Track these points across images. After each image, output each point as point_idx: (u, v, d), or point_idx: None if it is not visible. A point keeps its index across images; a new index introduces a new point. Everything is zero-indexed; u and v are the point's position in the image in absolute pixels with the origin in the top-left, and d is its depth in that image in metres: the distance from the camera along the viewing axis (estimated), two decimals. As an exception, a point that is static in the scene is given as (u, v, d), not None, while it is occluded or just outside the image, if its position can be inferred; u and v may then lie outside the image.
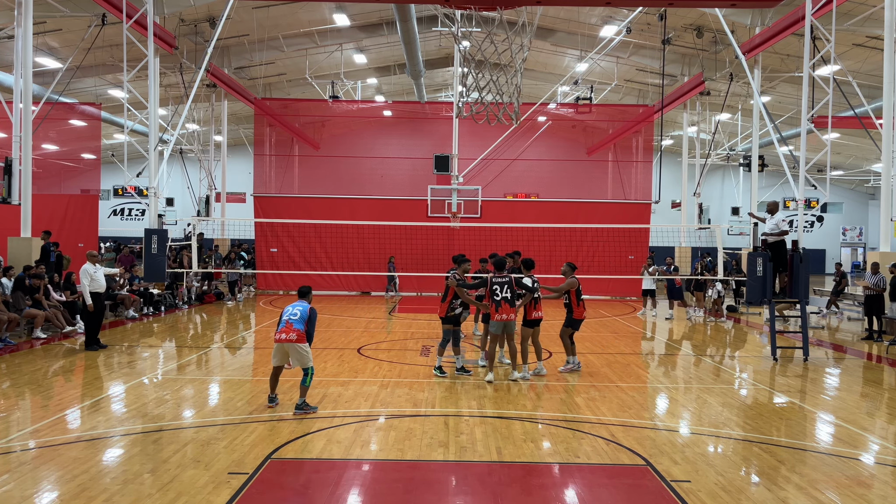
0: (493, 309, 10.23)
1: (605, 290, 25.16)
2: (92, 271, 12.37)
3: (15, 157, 15.56)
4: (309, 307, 8.40)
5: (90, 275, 12.34)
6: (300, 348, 8.17)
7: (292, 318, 8.24)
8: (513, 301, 10.18)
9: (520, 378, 10.32)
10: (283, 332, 8.16)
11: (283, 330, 8.18)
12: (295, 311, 8.32)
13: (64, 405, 8.47)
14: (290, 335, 8.13)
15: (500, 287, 10.20)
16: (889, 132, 16.20)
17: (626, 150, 28.81)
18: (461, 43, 13.75)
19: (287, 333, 8.14)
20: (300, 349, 8.17)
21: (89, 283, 12.27)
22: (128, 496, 5.58)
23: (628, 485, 6.23)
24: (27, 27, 15.79)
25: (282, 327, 8.23)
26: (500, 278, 10.33)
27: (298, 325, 8.19)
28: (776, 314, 14.14)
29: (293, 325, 8.18)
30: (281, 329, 8.21)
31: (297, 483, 6.11)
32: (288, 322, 8.22)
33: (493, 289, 10.22)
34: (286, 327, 8.18)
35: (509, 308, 10.13)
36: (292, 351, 8.20)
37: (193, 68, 23.40)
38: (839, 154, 37.51)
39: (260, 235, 25.19)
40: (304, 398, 8.22)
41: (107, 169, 38.14)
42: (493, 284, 10.25)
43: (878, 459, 7.03)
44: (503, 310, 10.15)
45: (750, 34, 22.79)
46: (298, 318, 8.24)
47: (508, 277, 10.35)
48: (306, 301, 8.51)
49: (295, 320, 8.22)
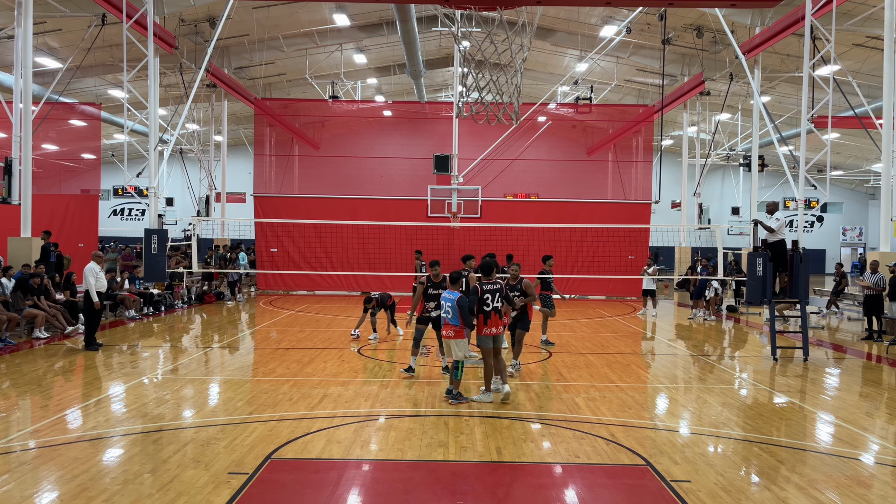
0: (481, 321, 8.83)
1: (605, 290, 25.18)
2: (97, 270, 12.61)
3: (15, 157, 15.56)
4: (457, 297, 8.67)
5: (96, 274, 12.56)
6: (453, 344, 8.70)
7: (445, 315, 8.72)
8: (502, 310, 9.03)
9: (513, 370, 10.47)
10: (443, 329, 8.81)
11: (443, 326, 8.79)
12: (447, 306, 8.69)
13: (64, 405, 8.48)
14: (448, 332, 8.72)
15: (492, 296, 8.82)
16: (889, 132, 16.19)
17: (626, 150, 28.80)
18: (461, 43, 13.75)
19: (445, 330, 8.76)
20: (453, 344, 8.70)
21: (95, 283, 12.46)
22: (128, 496, 5.58)
23: (628, 485, 6.23)
24: (27, 27, 15.79)
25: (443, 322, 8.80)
26: (490, 284, 8.88)
27: (453, 321, 8.65)
28: (776, 314, 14.13)
29: (448, 321, 8.70)
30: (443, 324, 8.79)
31: (297, 483, 6.11)
32: (444, 319, 8.77)
33: (484, 297, 8.79)
34: (445, 325, 8.76)
35: (498, 320, 8.86)
36: (447, 345, 8.87)
37: (193, 68, 23.40)
38: (839, 154, 37.51)
39: (260, 235, 25.19)
40: (456, 389, 8.79)
41: (107, 169, 38.14)
42: (484, 293, 8.81)
43: (878, 459, 7.03)
44: (492, 322, 8.82)
45: (750, 34, 22.79)
46: (451, 315, 8.64)
47: (499, 283, 9.00)
48: (457, 288, 8.87)
49: (448, 318, 8.68)
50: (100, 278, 12.67)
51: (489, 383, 8.92)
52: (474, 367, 11.19)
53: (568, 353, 12.82)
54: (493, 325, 8.77)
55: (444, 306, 8.79)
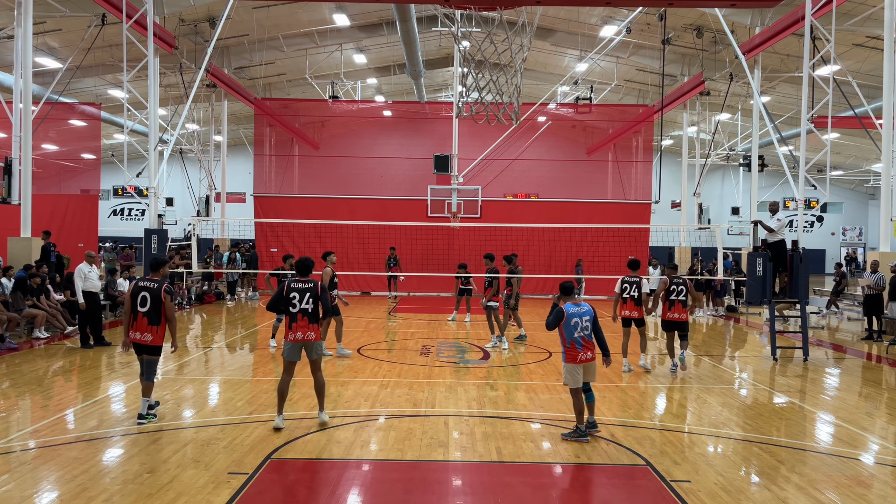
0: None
1: (605, 290, 25.15)
2: (87, 271, 12.69)
3: (15, 157, 15.55)
4: (591, 311, 7.45)
5: (84, 274, 12.65)
6: (593, 366, 7.48)
7: (584, 334, 7.33)
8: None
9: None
10: (589, 351, 7.39)
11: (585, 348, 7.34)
12: (585, 322, 7.34)
13: (64, 405, 8.47)
14: (592, 354, 7.40)
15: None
16: (889, 132, 16.19)
17: (626, 150, 28.80)
18: (461, 43, 13.76)
19: (591, 352, 7.40)
20: (593, 367, 7.48)
21: (83, 283, 12.51)
22: (128, 496, 5.58)
23: (628, 485, 6.23)
24: (27, 27, 15.79)
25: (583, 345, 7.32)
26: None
27: (590, 338, 7.40)
28: (776, 314, 14.14)
29: (588, 340, 7.35)
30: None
31: (297, 483, 6.11)
32: (582, 339, 7.31)
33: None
34: (586, 346, 7.33)
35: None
36: (592, 369, 7.45)
37: (193, 68, 23.39)
38: (839, 154, 37.50)
39: (260, 235, 25.18)
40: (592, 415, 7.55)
41: (107, 169, 38.13)
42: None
43: (878, 459, 7.03)
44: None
45: (750, 34, 22.78)
46: (589, 330, 7.39)
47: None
48: (590, 307, 7.53)
49: (587, 335, 7.37)
50: (89, 278, 12.76)
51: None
52: (475, 367, 11.19)
53: (568, 353, 12.80)
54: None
55: (580, 324, 7.30)
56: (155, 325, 7.76)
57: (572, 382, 7.30)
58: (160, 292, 7.76)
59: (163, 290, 7.77)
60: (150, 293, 7.77)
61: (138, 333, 7.77)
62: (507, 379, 10.57)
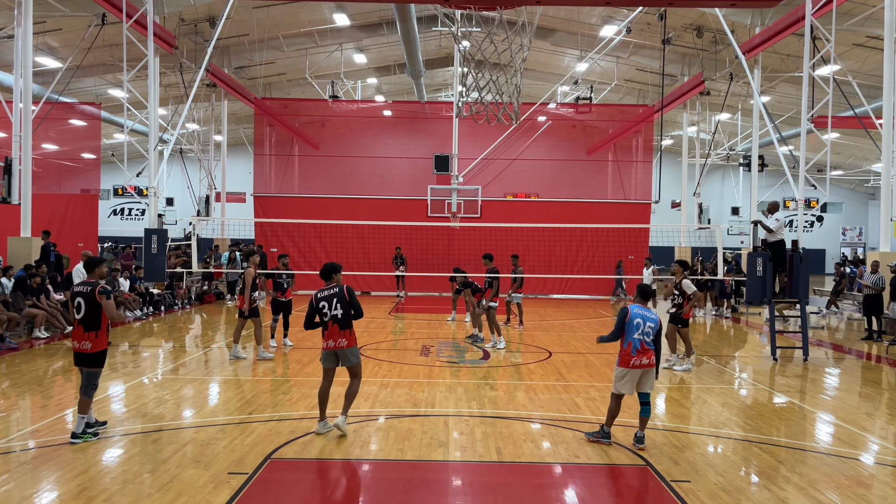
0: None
1: (605, 289, 25.18)
2: (84, 272, 12.61)
3: (15, 156, 15.55)
4: (657, 320, 7.20)
5: (81, 274, 12.59)
6: (652, 374, 7.19)
7: (645, 338, 7.05)
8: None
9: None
10: (647, 355, 7.09)
11: (644, 352, 7.06)
12: (648, 328, 7.07)
13: (64, 405, 8.47)
14: (651, 359, 7.10)
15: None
16: (889, 132, 16.19)
17: (626, 150, 28.80)
18: (461, 43, 13.76)
19: (650, 357, 7.09)
20: (652, 375, 7.20)
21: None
22: (128, 496, 5.58)
23: (628, 485, 6.23)
24: (27, 27, 15.79)
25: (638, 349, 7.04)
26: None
27: (650, 345, 7.09)
28: (776, 314, 14.14)
29: (647, 346, 7.05)
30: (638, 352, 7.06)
31: (297, 483, 6.11)
32: (642, 343, 7.04)
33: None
34: (644, 350, 7.05)
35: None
36: (652, 376, 7.17)
37: (193, 68, 23.38)
38: (839, 154, 37.49)
39: (260, 235, 25.18)
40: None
41: (107, 169, 38.10)
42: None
43: (877, 459, 7.03)
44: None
45: (750, 34, 22.77)
46: (651, 337, 7.10)
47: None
48: (653, 308, 7.34)
49: (648, 342, 7.07)
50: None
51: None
52: (475, 367, 11.19)
53: (568, 353, 12.81)
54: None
55: (642, 326, 7.06)
56: (93, 331, 7.13)
57: (624, 390, 7.02)
58: (94, 295, 7.12)
59: (97, 291, 7.12)
60: (83, 297, 7.15)
61: (76, 342, 7.16)
62: (508, 379, 10.57)
